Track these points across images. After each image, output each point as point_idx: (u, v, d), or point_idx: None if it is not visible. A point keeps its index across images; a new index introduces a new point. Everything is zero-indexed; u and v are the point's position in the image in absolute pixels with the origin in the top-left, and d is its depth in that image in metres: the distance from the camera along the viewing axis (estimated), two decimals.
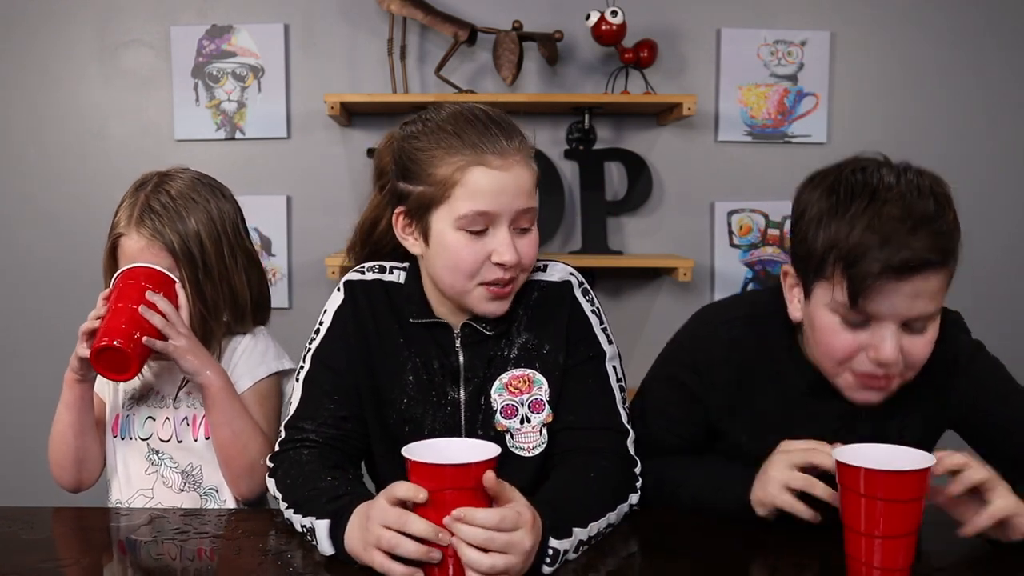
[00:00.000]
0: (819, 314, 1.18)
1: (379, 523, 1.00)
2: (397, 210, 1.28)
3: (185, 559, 1.13)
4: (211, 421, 1.38)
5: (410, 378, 1.30)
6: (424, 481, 0.99)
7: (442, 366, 1.30)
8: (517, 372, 1.29)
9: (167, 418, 1.43)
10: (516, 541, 0.98)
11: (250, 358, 1.45)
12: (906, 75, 2.70)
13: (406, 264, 1.36)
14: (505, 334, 1.31)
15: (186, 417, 1.43)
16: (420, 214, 1.24)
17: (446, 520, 0.97)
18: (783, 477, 1.13)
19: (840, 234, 1.12)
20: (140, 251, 1.36)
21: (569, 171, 2.70)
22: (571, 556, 1.08)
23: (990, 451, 1.27)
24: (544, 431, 1.29)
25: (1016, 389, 1.29)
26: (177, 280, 1.36)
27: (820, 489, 1.09)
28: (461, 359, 1.30)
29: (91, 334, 1.30)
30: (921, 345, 1.16)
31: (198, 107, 2.67)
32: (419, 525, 0.98)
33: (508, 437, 1.29)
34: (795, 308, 1.25)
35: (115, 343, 1.26)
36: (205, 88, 2.67)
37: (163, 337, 1.31)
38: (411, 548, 0.99)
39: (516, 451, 1.29)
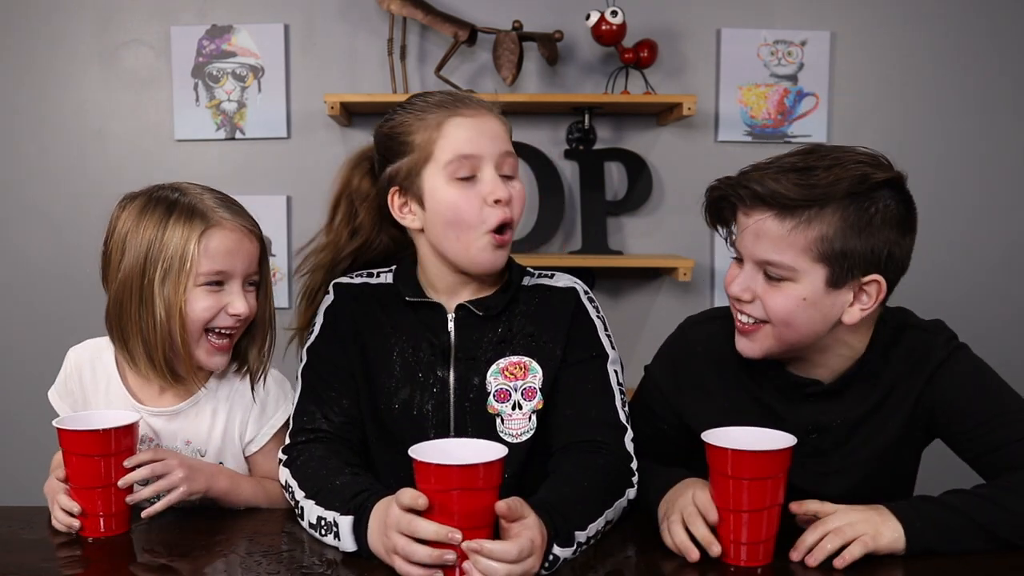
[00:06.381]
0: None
1: (394, 529, 1.02)
2: (392, 190, 1.34)
3: (186, 558, 1.13)
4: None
5: (396, 360, 1.33)
6: (431, 482, 0.99)
7: (431, 346, 1.33)
8: (515, 359, 1.32)
9: None
10: (529, 568, 1.01)
11: (264, 411, 1.38)
12: (906, 75, 2.70)
13: (392, 267, 1.41)
14: (505, 321, 1.34)
15: None
16: (411, 181, 1.31)
17: (464, 545, 0.98)
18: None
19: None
20: (238, 242, 1.28)
21: (569, 171, 2.70)
22: (568, 557, 1.09)
23: (973, 454, 1.26)
24: (534, 418, 1.31)
25: (998, 387, 1.28)
26: (133, 420, 1.18)
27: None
28: (453, 339, 1.33)
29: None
30: (774, 297, 1.22)
31: (198, 107, 2.67)
32: (428, 528, 0.99)
33: (499, 422, 1.31)
34: None
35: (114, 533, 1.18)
36: (205, 88, 2.67)
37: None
38: (423, 554, 1.00)
39: (504, 436, 1.31)
